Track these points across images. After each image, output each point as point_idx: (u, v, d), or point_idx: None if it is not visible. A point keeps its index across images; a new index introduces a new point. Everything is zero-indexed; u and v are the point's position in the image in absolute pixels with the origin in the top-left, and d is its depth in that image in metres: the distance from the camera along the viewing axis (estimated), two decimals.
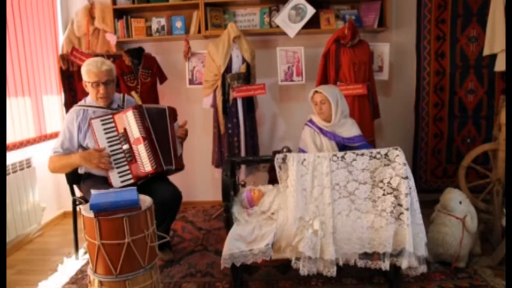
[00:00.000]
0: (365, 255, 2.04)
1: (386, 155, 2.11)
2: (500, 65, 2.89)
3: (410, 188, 2.03)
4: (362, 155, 2.13)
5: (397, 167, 2.06)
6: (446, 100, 3.55)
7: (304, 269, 2.03)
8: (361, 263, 2.05)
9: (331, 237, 2.02)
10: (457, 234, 2.41)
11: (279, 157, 2.17)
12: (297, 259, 2.07)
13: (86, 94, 2.57)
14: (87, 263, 2.49)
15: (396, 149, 2.11)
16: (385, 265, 2.01)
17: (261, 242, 2.09)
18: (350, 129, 2.67)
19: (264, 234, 2.10)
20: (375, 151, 2.14)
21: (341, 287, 2.32)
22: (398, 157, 2.08)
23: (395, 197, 2.03)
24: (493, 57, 2.97)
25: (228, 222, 2.18)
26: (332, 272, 2.02)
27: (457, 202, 2.47)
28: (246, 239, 2.11)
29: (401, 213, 2.01)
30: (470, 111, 3.54)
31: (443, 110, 3.57)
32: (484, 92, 3.49)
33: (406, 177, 2.03)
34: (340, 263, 2.04)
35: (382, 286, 2.31)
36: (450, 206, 2.47)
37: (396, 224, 2.01)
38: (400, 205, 2.02)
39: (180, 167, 2.57)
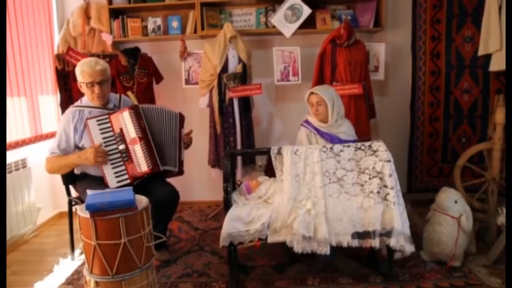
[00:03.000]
0: (356, 235, 2.16)
1: (370, 146, 2.31)
2: (494, 65, 2.90)
3: (393, 170, 2.23)
4: (348, 146, 2.34)
5: (380, 154, 2.27)
6: (442, 100, 3.57)
7: (298, 247, 2.14)
8: (354, 243, 2.15)
9: (324, 217, 2.16)
10: (453, 234, 2.42)
11: (274, 148, 2.35)
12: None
13: (82, 94, 2.56)
14: (83, 264, 2.49)
15: (378, 141, 2.33)
16: (375, 242, 2.14)
17: (258, 223, 2.23)
18: (347, 132, 2.69)
19: (261, 215, 2.24)
20: (359, 144, 2.34)
21: (337, 286, 2.33)
22: (381, 147, 2.29)
23: (381, 179, 2.22)
24: (487, 57, 2.97)
25: (227, 204, 2.31)
26: (326, 250, 2.13)
27: (453, 201, 2.48)
28: (244, 219, 2.24)
29: (388, 194, 2.19)
30: (466, 111, 3.55)
31: (439, 110, 3.58)
32: (479, 91, 3.51)
33: (389, 161, 2.24)
34: (333, 243, 2.14)
35: (378, 285, 2.32)
36: (446, 205, 2.48)
37: (384, 204, 2.18)
38: (386, 186, 2.21)
39: (181, 171, 2.59)
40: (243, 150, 3.29)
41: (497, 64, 2.86)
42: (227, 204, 2.32)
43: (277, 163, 2.35)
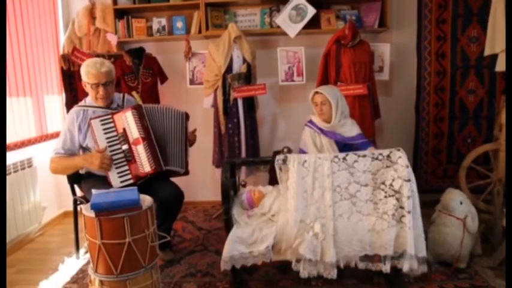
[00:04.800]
0: (366, 257, 2.05)
1: (388, 156, 2.08)
2: (501, 65, 2.88)
3: (412, 191, 2.01)
4: (364, 156, 2.10)
5: (399, 169, 2.04)
6: (447, 100, 3.55)
7: (304, 272, 2.03)
8: (361, 265, 2.05)
9: (332, 240, 2.02)
10: (458, 235, 2.41)
11: (279, 158, 2.15)
12: (297, 261, 2.06)
13: (87, 94, 2.57)
14: (87, 263, 2.49)
15: (398, 150, 2.08)
16: (386, 268, 2.02)
17: (261, 244, 2.08)
18: (351, 129, 2.67)
19: (264, 237, 2.09)
20: (376, 152, 2.12)
21: (341, 287, 2.32)
22: (401, 159, 2.05)
23: (397, 199, 2.02)
24: (493, 57, 2.95)
25: (228, 225, 2.18)
26: (333, 274, 2.01)
27: (458, 202, 2.46)
28: (246, 241, 2.10)
29: (403, 216, 2.01)
30: (471, 112, 3.53)
31: (444, 110, 3.56)
32: (485, 92, 3.49)
33: (409, 180, 2.01)
34: (341, 265, 2.05)
35: (382, 286, 2.31)
36: (451, 207, 2.46)
37: (398, 226, 2.01)
38: (402, 208, 2.01)
39: (187, 171, 2.60)
40: (244, 159, 3.18)
41: (504, 64, 2.84)
42: (228, 225, 2.17)
43: (282, 175, 2.15)
